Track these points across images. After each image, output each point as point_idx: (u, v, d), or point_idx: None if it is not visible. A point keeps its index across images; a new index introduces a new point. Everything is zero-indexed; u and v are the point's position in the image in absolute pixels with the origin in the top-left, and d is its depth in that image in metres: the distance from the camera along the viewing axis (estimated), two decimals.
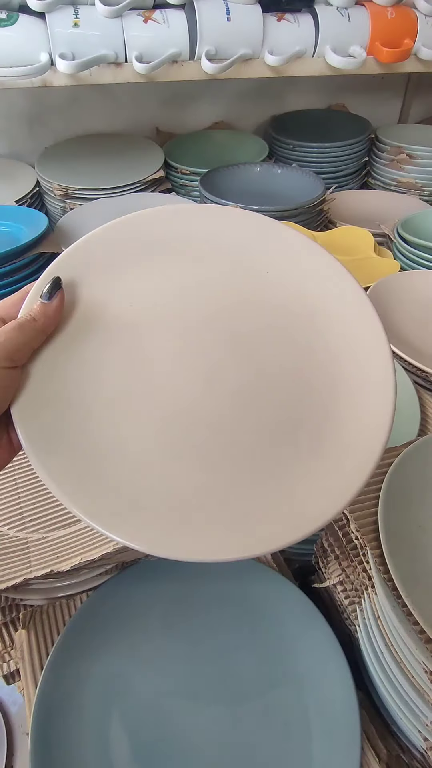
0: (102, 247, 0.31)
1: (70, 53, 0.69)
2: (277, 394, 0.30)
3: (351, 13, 0.78)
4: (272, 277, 0.32)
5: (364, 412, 0.30)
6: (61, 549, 0.42)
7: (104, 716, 0.37)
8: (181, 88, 1.07)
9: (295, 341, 0.31)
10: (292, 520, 0.27)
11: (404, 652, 0.34)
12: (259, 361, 0.30)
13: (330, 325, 0.31)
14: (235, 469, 0.28)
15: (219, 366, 0.30)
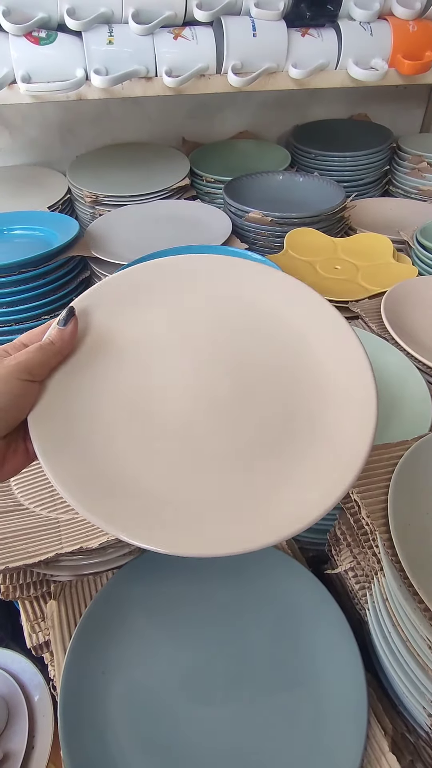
0: (117, 285, 0.36)
1: (104, 69, 0.73)
2: (269, 410, 0.33)
3: (373, 27, 0.80)
4: (265, 311, 0.37)
5: (349, 425, 0.32)
6: (90, 528, 0.45)
7: (128, 680, 0.40)
8: (207, 99, 1.11)
9: (285, 366, 0.35)
10: (273, 522, 0.30)
11: (410, 630, 0.36)
12: (252, 382, 0.34)
13: (316, 351, 0.35)
14: (232, 474, 0.31)
15: (216, 385, 0.34)
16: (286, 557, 0.46)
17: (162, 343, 0.35)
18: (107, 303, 0.35)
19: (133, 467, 0.31)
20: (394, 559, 0.36)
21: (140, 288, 0.36)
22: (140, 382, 0.33)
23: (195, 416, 0.33)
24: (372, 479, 0.41)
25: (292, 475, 0.31)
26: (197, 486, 0.31)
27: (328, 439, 0.32)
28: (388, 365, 0.56)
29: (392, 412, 0.52)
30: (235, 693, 0.39)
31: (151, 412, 0.33)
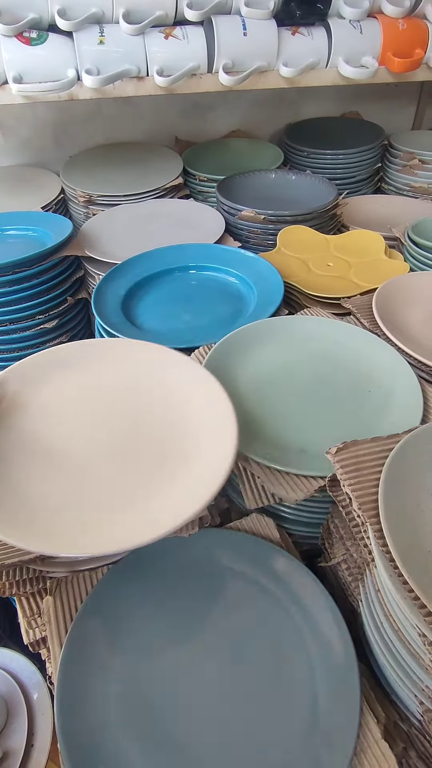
0: (34, 362, 0.52)
1: (96, 69, 0.74)
2: (152, 449, 0.46)
3: (363, 26, 0.81)
4: (155, 381, 0.52)
5: (211, 456, 0.44)
6: None
7: (123, 674, 0.40)
8: (199, 98, 1.11)
9: (164, 415, 0.49)
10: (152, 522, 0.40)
11: (401, 619, 0.37)
12: (137, 428, 0.48)
13: (189, 403, 0.49)
14: (111, 492, 0.43)
15: (107, 431, 0.48)
16: (279, 551, 0.47)
17: (67, 403, 0.50)
18: (22, 376, 0.50)
19: (28, 491, 0.42)
20: (385, 549, 0.37)
21: (54, 363, 0.52)
22: (44, 429, 0.47)
23: (88, 451, 0.46)
24: (363, 472, 0.42)
25: (161, 492, 0.42)
26: (79, 503, 0.42)
27: (194, 466, 0.44)
28: (380, 361, 0.57)
29: (384, 406, 0.53)
30: (231, 683, 0.40)
31: (50, 450, 0.46)
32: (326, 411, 0.53)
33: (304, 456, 0.48)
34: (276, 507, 0.52)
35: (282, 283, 0.69)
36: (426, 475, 0.42)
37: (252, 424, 0.51)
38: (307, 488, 0.45)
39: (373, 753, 0.36)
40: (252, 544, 0.47)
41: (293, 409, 0.53)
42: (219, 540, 0.48)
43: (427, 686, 0.37)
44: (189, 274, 0.76)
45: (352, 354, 0.59)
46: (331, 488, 0.44)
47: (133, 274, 0.74)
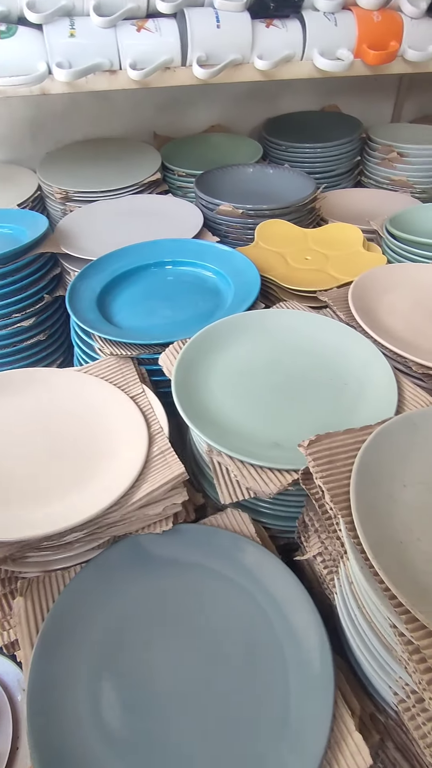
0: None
1: (67, 62, 0.72)
2: (71, 456, 0.51)
3: (338, 18, 0.81)
4: (78, 400, 0.57)
5: (121, 465, 0.49)
6: None
7: (95, 674, 0.40)
8: (177, 93, 1.10)
9: (87, 429, 0.54)
10: None
11: (373, 611, 0.37)
12: (65, 442, 0.53)
13: (109, 419, 0.54)
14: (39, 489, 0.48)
15: (37, 443, 0.53)
16: (253, 546, 0.46)
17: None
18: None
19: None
20: (356, 541, 0.37)
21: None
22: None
23: (17, 461, 0.51)
24: (336, 464, 0.42)
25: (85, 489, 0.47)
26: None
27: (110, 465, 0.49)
28: (355, 353, 0.57)
29: (359, 399, 0.53)
30: (204, 679, 0.40)
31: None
32: (301, 404, 0.53)
33: (279, 450, 0.47)
34: (253, 502, 0.52)
35: (258, 277, 0.68)
36: (399, 466, 0.42)
37: (225, 418, 0.51)
38: (280, 482, 0.44)
39: (347, 745, 0.36)
40: (226, 539, 0.47)
41: (268, 403, 0.53)
42: (193, 536, 0.47)
43: (401, 678, 0.37)
44: (165, 270, 0.75)
45: (327, 347, 0.58)
46: (305, 481, 0.44)
47: (109, 270, 0.73)
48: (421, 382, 0.54)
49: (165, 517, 0.48)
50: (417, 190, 1.03)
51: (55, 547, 0.45)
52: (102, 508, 0.45)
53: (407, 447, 0.43)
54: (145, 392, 0.57)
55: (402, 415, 0.45)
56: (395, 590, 0.33)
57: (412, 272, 0.68)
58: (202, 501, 0.53)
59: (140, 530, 0.48)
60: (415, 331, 0.59)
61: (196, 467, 0.57)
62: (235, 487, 0.47)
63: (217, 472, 0.48)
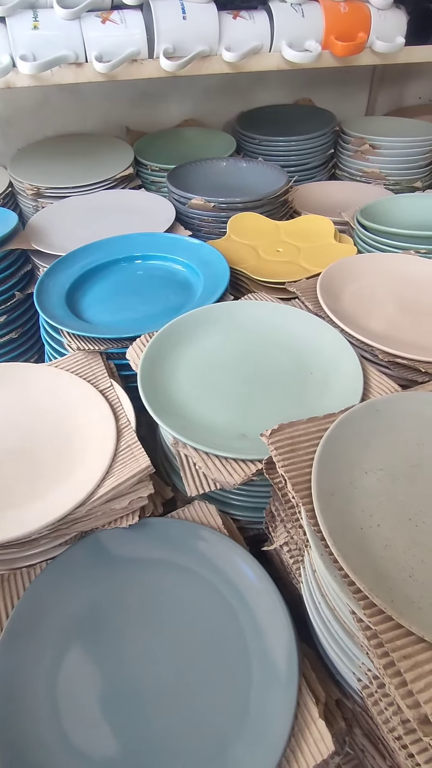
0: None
1: (31, 55, 0.71)
2: (38, 452, 0.51)
3: (305, 9, 0.80)
4: (46, 395, 0.56)
5: (89, 461, 0.49)
6: None
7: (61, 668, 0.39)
8: (149, 87, 1.10)
9: (59, 429, 0.53)
10: None
11: (335, 599, 0.37)
12: (35, 441, 0.52)
13: (78, 420, 0.53)
14: None
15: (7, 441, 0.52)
16: (221, 536, 0.46)
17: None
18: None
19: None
20: (316, 529, 0.37)
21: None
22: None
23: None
24: (298, 453, 0.42)
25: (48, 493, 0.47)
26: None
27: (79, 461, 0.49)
28: (323, 342, 0.57)
29: (325, 388, 0.53)
30: (168, 669, 0.39)
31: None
32: (268, 396, 0.52)
33: (245, 441, 0.47)
34: (221, 494, 0.52)
35: (227, 269, 0.68)
36: (360, 453, 0.42)
37: (192, 410, 0.50)
38: (244, 472, 0.44)
39: (310, 731, 0.36)
40: (191, 532, 0.47)
41: (234, 394, 0.53)
42: (159, 529, 0.47)
43: (364, 663, 0.37)
44: (135, 264, 0.75)
45: (294, 337, 0.58)
46: (268, 471, 0.44)
47: (78, 266, 0.72)
48: (387, 369, 0.54)
49: (131, 511, 0.47)
50: (390, 182, 1.04)
51: (20, 545, 0.44)
52: (71, 505, 0.44)
53: (369, 434, 0.43)
54: (113, 386, 0.57)
55: (365, 403, 0.45)
56: (353, 576, 0.33)
57: (380, 262, 0.68)
58: (170, 495, 0.53)
59: (107, 525, 0.47)
60: (381, 320, 0.60)
61: (166, 462, 0.57)
62: (201, 479, 0.47)
63: (184, 464, 0.48)
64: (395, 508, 0.38)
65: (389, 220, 0.79)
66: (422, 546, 0.36)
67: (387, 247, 0.74)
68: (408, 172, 1.03)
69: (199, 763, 0.35)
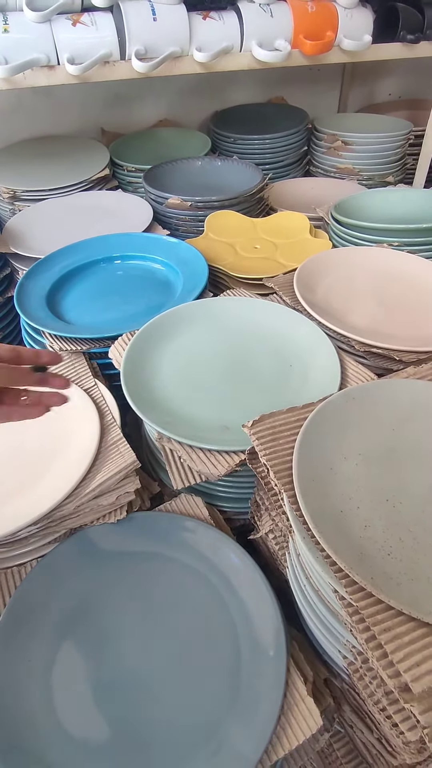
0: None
1: (2, 58, 0.71)
2: (26, 451, 0.52)
3: (273, 9, 0.82)
4: None
5: (74, 458, 0.49)
6: None
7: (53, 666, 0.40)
8: (123, 88, 1.10)
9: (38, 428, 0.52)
10: None
11: (318, 580, 0.38)
12: (11, 435, 0.52)
13: None
14: None
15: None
16: (207, 527, 0.47)
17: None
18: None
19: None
20: (299, 514, 0.38)
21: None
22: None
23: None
24: (279, 442, 0.43)
25: None
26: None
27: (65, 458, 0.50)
28: (300, 334, 0.58)
29: (305, 379, 0.54)
30: (160, 657, 0.40)
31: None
32: (248, 388, 0.54)
33: (228, 433, 0.48)
34: (207, 486, 0.53)
35: (206, 266, 0.69)
36: (339, 439, 0.43)
37: (175, 405, 0.51)
38: (228, 463, 0.46)
39: (299, 709, 0.37)
40: (178, 524, 0.48)
41: (216, 388, 0.54)
42: (147, 523, 0.48)
43: (348, 641, 0.38)
44: (114, 265, 0.75)
45: (273, 330, 0.60)
46: (251, 461, 0.45)
47: (57, 268, 0.72)
48: (363, 359, 0.56)
49: (119, 506, 0.48)
50: (363, 177, 1.06)
51: (9, 543, 0.45)
52: (55, 501, 0.45)
53: (347, 421, 0.44)
54: (97, 385, 0.57)
55: (342, 392, 0.46)
56: (335, 556, 0.35)
57: (354, 255, 0.70)
58: (157, 489, 0.54)
59: (95, 521, 0.48)
60: (357, 312, 0.61)
61: (151, 457, 0.58)
62: (186, 472, 0.48)
63: (169, 458, 0.49)
64: (373, 490, 0.40)
65: (363, 214, 0.81)
66: (399, 525, 0.38)
67: (361, 241, 0.76)
68: (380, 167, 1.05)
69: (192, 742, 0.36)
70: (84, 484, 0.46)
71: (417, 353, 0.53)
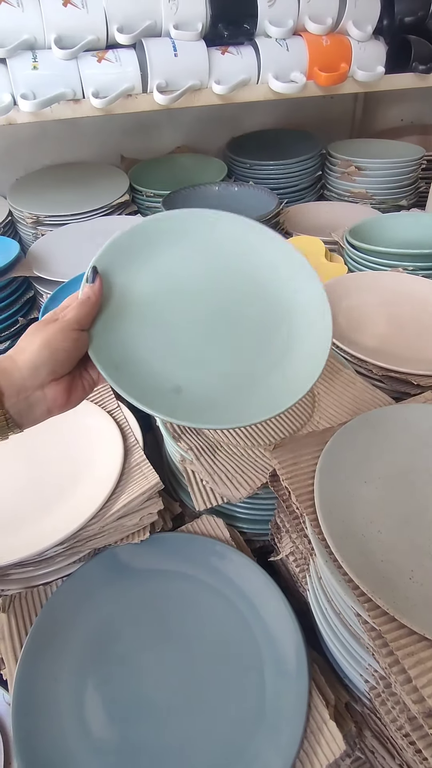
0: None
1: (31, 93, 0.75)
2: (51, 473, 0.53)
3: (289, 43, 0.85)
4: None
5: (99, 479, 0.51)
6: None
7: (79, 684, 0.41)
8: (143, 117, 1.14)
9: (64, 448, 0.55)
10: None
11: (340, 603, 0.39)
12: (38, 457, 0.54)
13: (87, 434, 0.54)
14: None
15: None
16: (227, 549, 0.48)
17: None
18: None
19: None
20: (320, 537, 0.39)
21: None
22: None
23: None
24: (300, 466, 0.44)
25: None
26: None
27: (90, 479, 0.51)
28: (305, 295, 0.46)
29: (286, 352, 0.44)
30: (185, 678, 0.41)
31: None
32: (219, 344, 0.43)
33: (178, 397, 0.40)
34: (228, 507, 0.54)
35: None
36: (359, 464, 0.44)
37: (132, 345, 0.41)
38: (250, 486, 0.47)
39: (322, 733, 0.38)
40: (201, 545, 0.49)
41: (182, 334, 0.43)
42: (170, 544, 0.49)
43: (370, 665, 0.39)
44: None
45: (275, 277, 0.46)
46: (273, 484, 0.46)
47: None
48: (380, 383, 0.57)
49: (142, 527, 0.49)
50: (376, 201, 1.08)
51: (37, 563, 0.46)
52: (82, 521, 0.46)
53: (367, 445, 0.45)
54: (120, 407, 0.59)
55: (360, 416, 0.47)
56: (357, 579, 0.35)
57: (370, 280, 0.71)
58: (179, 510, 0.55)
59: (119, 541, 0.49)
60: (373, 336, 0.62)
61: (172, 478, 0.59)
62: (208, 494, 0.49)
63: (191, 480, 0.50)
64: (394, 514, 0.40)
65: (377, 239, 0.82)
66: (421, 549, 0.38)
67: (376, 265, 0.77)
68: (393, 192, 1.07)
69: (219, 765, 0.36)
70: (108, 506, 0.48)
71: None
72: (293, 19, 0.84)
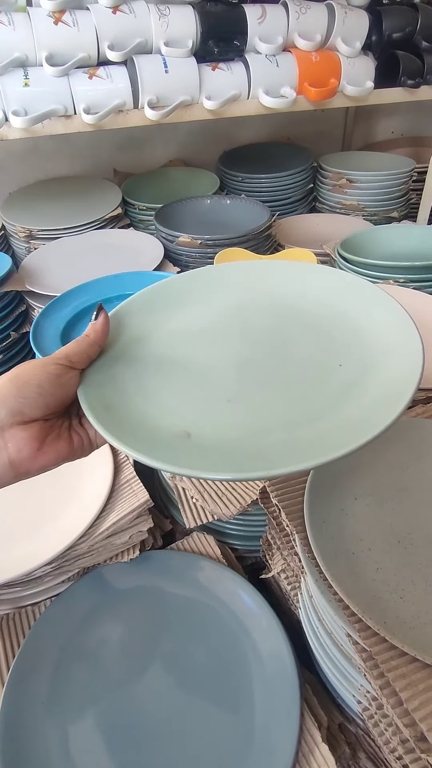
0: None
1: (23, 110, 0.75)
2: (39, 492, 0.51)
3: (279, 59, 0.86)
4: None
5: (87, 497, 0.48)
6: None
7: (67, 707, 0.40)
8: (135, 131, 1.15)
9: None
10: None
11: (331, 623, 0.38)
12: None
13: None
14: None
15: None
16: (220, 566, 0.48)
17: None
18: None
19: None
20: (310, 556, 0.38)
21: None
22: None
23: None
24: (290, 483, 0.44)
25: None
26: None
27: None
28: (375, 323, 0.39)
29: (352, 388, 0.34)
30: (174, 699, 0.40)
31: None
32: (256, 385, 0.35)
33: (186, 444, 0.31)
34: (219, 524, 0.53)
35: None
36: (349, 481, 0.44)
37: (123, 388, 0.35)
38: (240, 504, 0.46)
39: (314, 756, 0.37)
40: (191, 563, 0.48)
41: (217, 375, 0.36)
42: (159, 562, 0.48)
43: (362, 686, 0.38)
44: None
45: (325, 307, 0.40)
46: (263, 501, 0.45)
47: (72, 306, 0.75)
48: None
49: (132, 545, 0.49)
50: (368, 213, 1.08)
51: (24, 583, 0.46)
52: (70, 541, 0.46)
53: (357, 462, 0.45)
54: None
55: None
56: (347, 599, 0.35)
57: None
58: (170, 527, 0.55)
59: (109, 560, 0.49)
60: None
61: (163, 493, 0.59)
62: (198, 511, 0.49)
63: (181, 497, 0.50)
64: (384, 531, 0.40)
65: (368, 251, 0.83)
66: (411, 567, 0.38)
67: (367, 277, 0.77)
68: (385, 204, 1.08)
69: None
70: (97, 524, 0.47)
71: (426, 391, 0.54)
72: (283, 35, 0.85)
